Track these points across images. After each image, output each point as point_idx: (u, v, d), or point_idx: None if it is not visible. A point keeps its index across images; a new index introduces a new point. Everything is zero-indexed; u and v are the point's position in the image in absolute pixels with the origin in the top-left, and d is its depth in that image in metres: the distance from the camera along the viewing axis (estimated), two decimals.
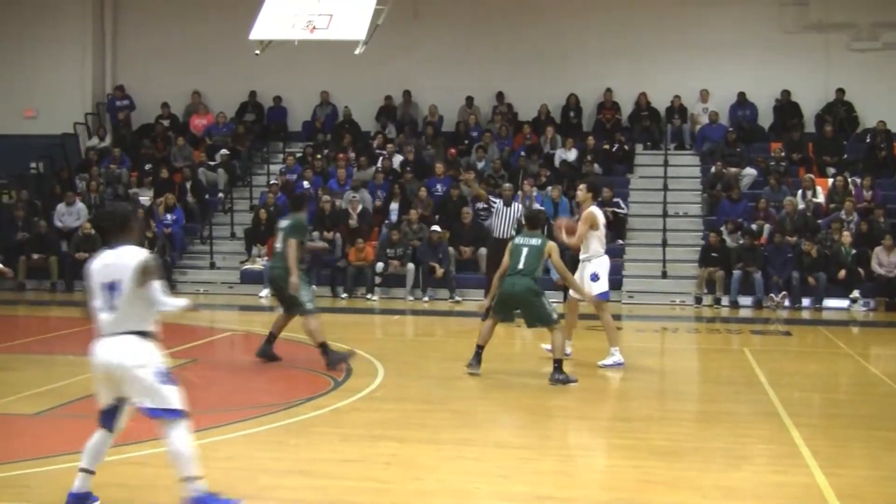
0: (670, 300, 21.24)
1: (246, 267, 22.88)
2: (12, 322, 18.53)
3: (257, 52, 19.29)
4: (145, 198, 24.21)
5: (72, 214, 23.81)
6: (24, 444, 9.24)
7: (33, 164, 26.54)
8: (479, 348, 12.74)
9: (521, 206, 18.50)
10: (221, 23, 26.11)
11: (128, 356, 6.89)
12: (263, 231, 22.73)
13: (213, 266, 23.45)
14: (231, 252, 23.84)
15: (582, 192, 13.89)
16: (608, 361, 13.29)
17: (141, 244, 7.13)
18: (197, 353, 14.43)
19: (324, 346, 13.06)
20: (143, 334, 7.01)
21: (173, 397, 6.97)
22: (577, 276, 13.20)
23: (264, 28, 18.95)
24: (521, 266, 12.30)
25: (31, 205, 24.42)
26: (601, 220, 13.44)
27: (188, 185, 24.88)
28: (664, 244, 22.42)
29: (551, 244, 12.49)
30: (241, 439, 9.26)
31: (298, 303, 13.02)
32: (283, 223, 13.31)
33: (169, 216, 23.54)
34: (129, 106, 27.61)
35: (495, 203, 18.04)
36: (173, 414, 6.96)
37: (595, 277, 13.20)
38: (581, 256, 13.43)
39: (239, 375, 13.44)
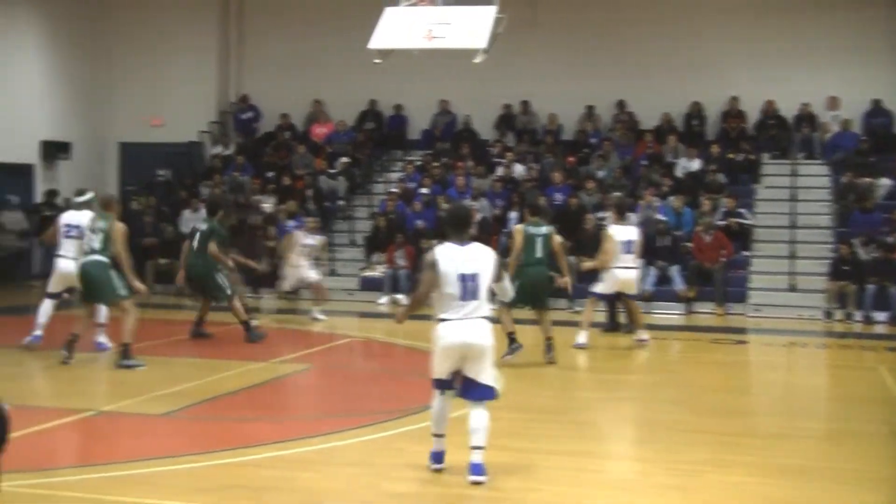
0: (798, 314, 20.72)
1: (365, 274, 23.05)
2: (139, 325, 18.88)
3: (377, 60, 19.40)
4: (267, 205, 24.54)
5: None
6: (151, 444, 9.40)
7: (161, 172, 27.11)
8: (511, 335, 13.52)
9: (635, 216, 18.28)
10: (342, 32, 26.34)
11: (487, 338, 7.99)
12: (383, 238, 22.87)
13: (332, 273, 23.66)
14: (351, 259, 24.03)
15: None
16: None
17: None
18: (317, 359, 14.57)
19: (246, 324, 15.62)
20: (490, 320, 8.09)
21: (497, 379, 8.11)
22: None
23: (384, 37, 19.02)
24: (539, 255, 13.21)
25: (159, 211, 24.94)
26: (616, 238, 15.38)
27: (309, 192, 25.17)
28: (792, 256, 21.95)
29: (556, 236, 14.05)
30: (361, 445, 9.31)
31: (220, 290, 15.03)
32: (202, 226, 15.53)
33: (290, 223, 23.81)
34: (254, 118, 28.05)
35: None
36: (492, 393, 8.07)
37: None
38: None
39: (358, 381, 13.53)
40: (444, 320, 7.98)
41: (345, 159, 26.20)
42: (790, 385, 14.00)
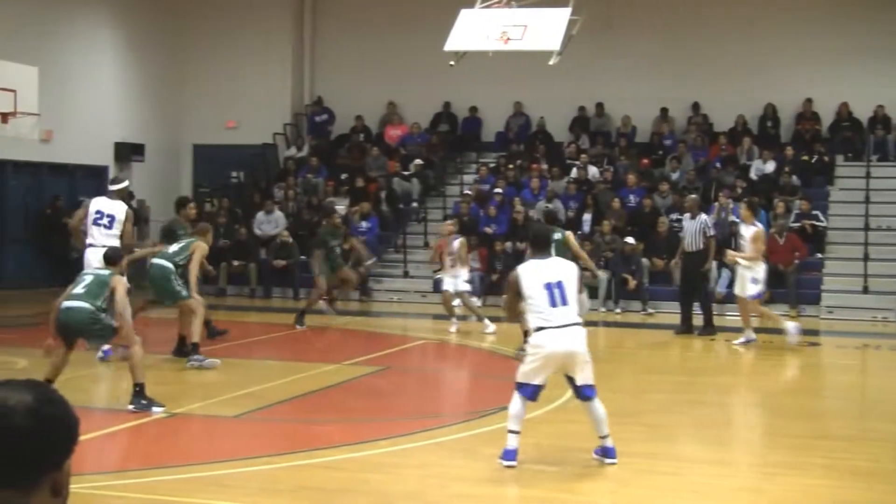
0: (872, 316, 20.40)
1: (439, 276, 23.03)
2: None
3: (452, 63, 19.40)
4: (341, 206, 24.63)
5: (270, 223, 24.42)
6: (225, 445, 9.46)
7: (234, 174, 27.34)
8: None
9: (708, 218, 18.07)
10: (416, 35, 26.39)
11: (583, 343, 8.33)
12: None
13: (406, 275, 23.69)
14: (424, 261, 24.02)
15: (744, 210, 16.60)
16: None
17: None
18: (390, 361, 14.57)
19: (207, 323, 14.87)
20: (580, 325, 8.41)
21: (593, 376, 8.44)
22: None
23: (459, 39, 19.02)
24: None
25: (233, 213, 25.14)
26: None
27: (383, 194, 25.24)
28: (866, 258, 21.60)
29: (568, 233, 14.64)
30: (433, 447, 9.28)
31: (177, 294, 13.65)
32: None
33: (364, 224, 23.91)
34: (328, 120, 28.20)
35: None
36: (595, 390, 8.41)
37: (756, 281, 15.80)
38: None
39: (431, 383, 13.53)
40: (540, 329, 8.22)
41: (419, 161, 26.23)
42: (863, 387, 13.77)
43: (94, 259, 13.00)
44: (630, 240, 21.69)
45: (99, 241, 13.36)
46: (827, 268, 21.86)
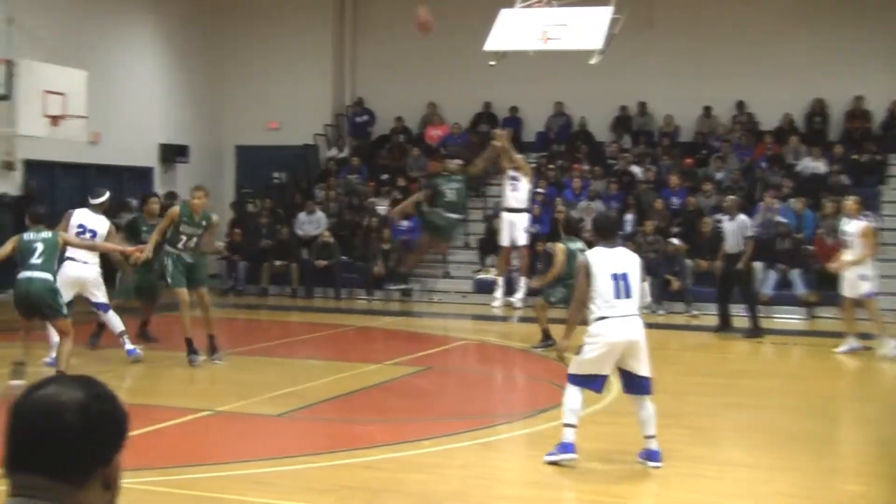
0: None
1: (480, 276, 23.02)
2: (255, 326, 19.18)
3: (492, 63, 19.37)
4: (382, 207, 24.67)
5: (312, 223, 24.48)
6: (267, 444, 9.48)
7: (276, 174, 27.42)
8: (546, 332, 14.47)
9: (747, 218, 17.88)
10: (456, 35, 26.33)
11: (643, 334, 8.38)
12: (497, 241, 22.77)
13: (446, 275, 23.68)
14: (465, 261, 24.02)
15: (851, 203, 15.89)
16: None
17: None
18: (432, 361, 14.56)
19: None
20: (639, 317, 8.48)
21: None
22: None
23: (499, 39, 18.99)
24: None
25: (275, 213, 25.23)
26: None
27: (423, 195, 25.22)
28: None
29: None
30: (476, 448, 9.25)
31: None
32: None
33: (405, 224, 23.92)
34: (368, 121, 28.24)
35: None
36: (651, 384, 8.46)
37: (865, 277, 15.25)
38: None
39: (473, 384, 13.50)
40: (602, 318, 8.25)
41: (458, 161, 26.19)
42: None
43: (72, 272, 12.82)
44: (674, 241, 21.55)
45: (80, 256, 12.99)
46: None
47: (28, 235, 11.25)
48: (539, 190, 23.98)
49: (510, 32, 18.90)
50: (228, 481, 8.03)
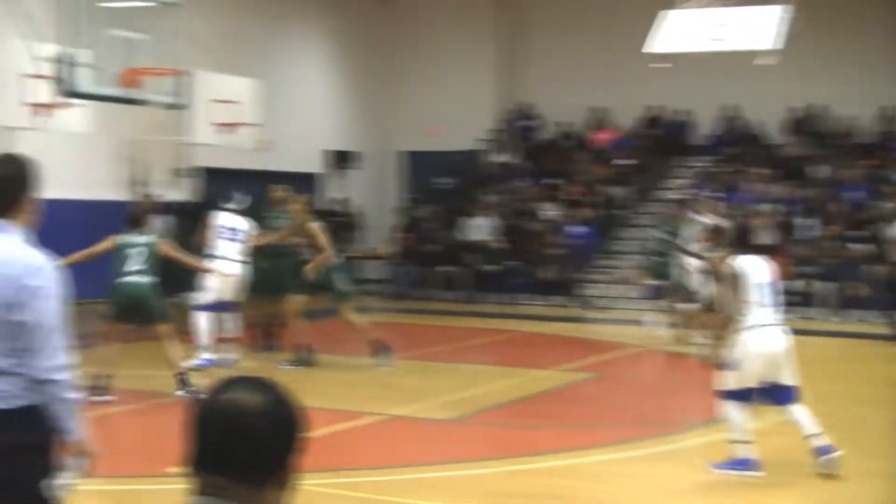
0: None
1: (649, 282, 22.68)
2: (423, 331, 19.28)
3: (659, 65, 19.11)
4: (550, 212, 24.56)
5: (479, 228, 24.53)
6: (440, 448, 9.49)
7: (442, 180, 27.57)
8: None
9: None
10: (623, 37, 26.07)
11: (790, 342, 8.32)
12: None
13: (618, 281, 23.42)
14: (637, 267, 23.71)
15: None
16: None
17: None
18: (603, 368, 14.40)
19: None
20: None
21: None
22: None
23: (667, 40, 18.75)
24: None
25: (441, 218, 25.36)
26: None
27: (592, 199, 25.02)
28: None
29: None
30: (642, 457, 9.10)
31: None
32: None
33: (576, 230, 23.76)
34: (534, 125, 28.16)
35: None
36: (796, 392, 8.29)
37: None
38: None
39: (643, 392, 13.30)
40: (752, 327, 8.15)
41: (626, 162, 25.92)
42: None
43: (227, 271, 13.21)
44: (856, 245, 20.84)
45: (229, 255, 13.40)
46: None
47: (126, 239, 11.29)
48: (711, 195, 23.52)
49: (677, 34, 18.63)
50: (401, 485, 8.07)
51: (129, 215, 11.69)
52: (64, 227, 11.39)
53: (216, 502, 2.25)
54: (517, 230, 24.25)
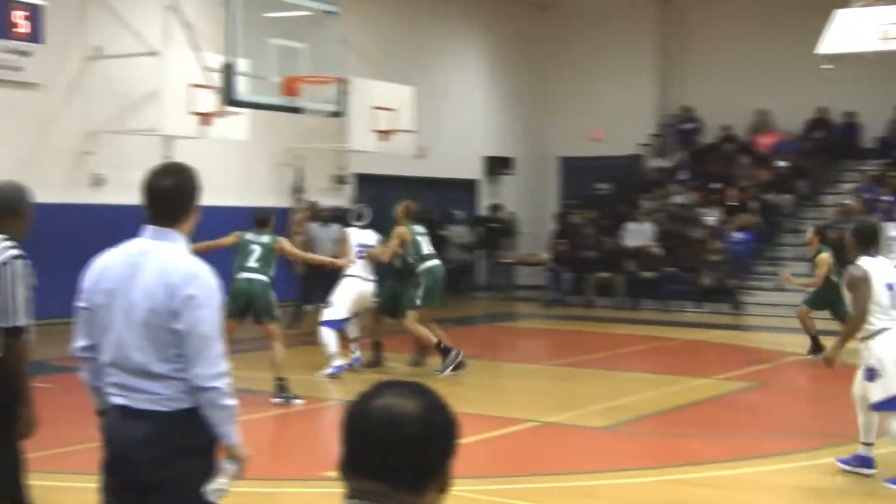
0: None
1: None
2: (580, 337, 19.10)
3: (827, 66, 18.57)
4: (711, 218, 24.09)
5: (639, 233, 24.20)
6: (595, 456, 9.35)
7: (601, 185, 27.34)
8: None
9: None
10: (788, 39, 25.48)
11: None
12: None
13: (780, 288, 22.82)
14: (799, 274, 23.03)
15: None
16: None
17: None
18: (766, 377, 14.02)
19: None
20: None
21: None
22: None
23: (834, 41, 18.20)
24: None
25: (599, 224, 25.13)
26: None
27: (754, 204, 24.46)
28: None
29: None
30: (806, 468, 8.79)
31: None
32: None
33: (736, 236, 23.26)
34: (695, 129, 27.68)
35: None
36: None
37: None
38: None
39: (807, 402, 12.93)
40: (882, 330, 7.86)
41: (790, 168, 25.25)
42: None
43: (357, 288, 13.16)
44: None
45: (363, 274, 13.29)
46: None
47: (249, 236, 11.46)
48: (884, 198, 22.73)
49: (846, 34, 18.07)
50: (553, 493, 7.96)
51: (255, 214, 11.79)
52: (222, 234, 11.58)
53: None
54: (676, 236, 23.84)
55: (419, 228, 13.59)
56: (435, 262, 13.47)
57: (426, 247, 13.47)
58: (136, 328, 4.18)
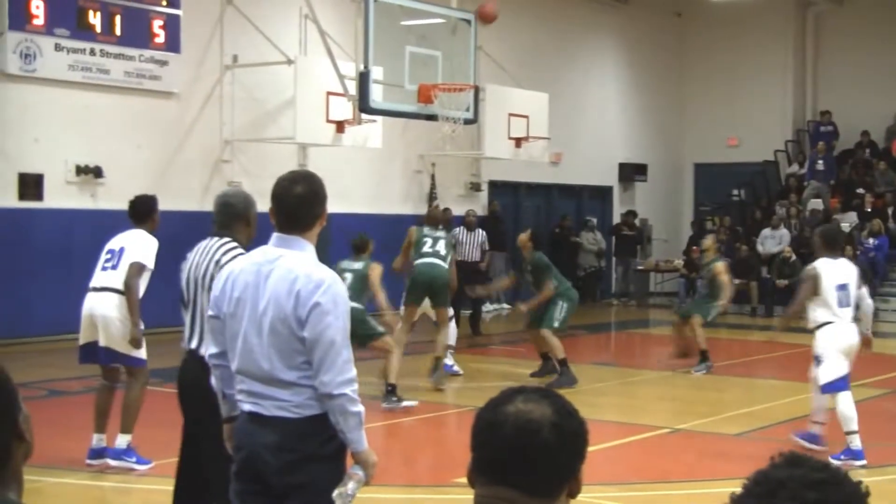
0: None
1: None
2: (714, 344, 18.81)
3: None
4: (846, 224, 23.62)
5: (775, 239, 23.85)
6: (725, 464, 9.29)
7: (735, 191, 27.00)
8: None
9: None
10: None
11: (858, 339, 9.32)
12: None
13: None
14: None
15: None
16: None
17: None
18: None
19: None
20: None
21: None
22: None
23: None
24: None
25: (734, 231, 24.82)
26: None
27: (890, 210, 23.89)
28: None
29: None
30: None
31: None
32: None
33: (872, 241, 22.76)
34: (833, 133, 27.14)
35: None
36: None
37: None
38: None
39: None
40: (826, 324, 9.04)
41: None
42: None
43: None
44: None
45: None
46: None
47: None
48: None
49: None
50: (685, 500, 7.94)
51: (353, 240, 11.75)
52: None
53: None
54: (812, 242, 23.38)
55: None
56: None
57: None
58: (263, 336, 4.25)
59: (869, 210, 23.93)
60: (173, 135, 17.76)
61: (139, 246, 8.21)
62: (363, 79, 15.88)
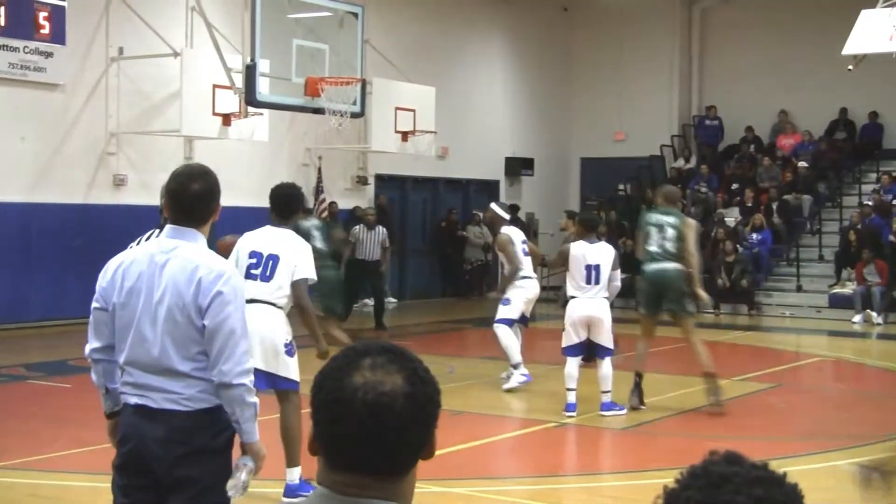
0: None
1: (835, 291, 22.00)
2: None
3: (850, 67, 18.49)
4: (731, 219, 24.05)
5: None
6: (612, 457, 9.34)
7: (621, 186, 27.30)
8: None
9: None
10: (809, 40, 25.45)
11: (604, 312, 10.92)
12: (853, 254, 21.73)
13: (799, 289, 22.78)
14: (819, 275, 23.02)
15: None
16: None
17: None
18: (783, 378, 14.00)
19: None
20: None
21: None
22: None
23: (859, 42, 18.11)
24: None
25: (620, 225, 25.09)
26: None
27: (774, 205, 24.40)
28: None
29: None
30: (826, 470, 8.78)
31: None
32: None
33: (755, 236, 23.21)
34: (718, 128, 27.62)
35: None
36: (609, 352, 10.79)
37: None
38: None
39: (825, 403, 12.90)
40: (571, 298, 10.70)
41: (803, 164, 25.17)
42: None
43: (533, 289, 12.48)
44: None
45: (529, 273, 12.52)
46: None
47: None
48: None
49: (871, 34, 17.99)
50: (569, 494, 7.97)
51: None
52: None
53: (354, 502, 2.06)
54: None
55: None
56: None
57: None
58: (158, 325, 4.22)
59: (749, 205, 24.37)
60: (58, 127, 17.47)
61: (302, 257, 7.28)
62: (250, 72, 15.72)
